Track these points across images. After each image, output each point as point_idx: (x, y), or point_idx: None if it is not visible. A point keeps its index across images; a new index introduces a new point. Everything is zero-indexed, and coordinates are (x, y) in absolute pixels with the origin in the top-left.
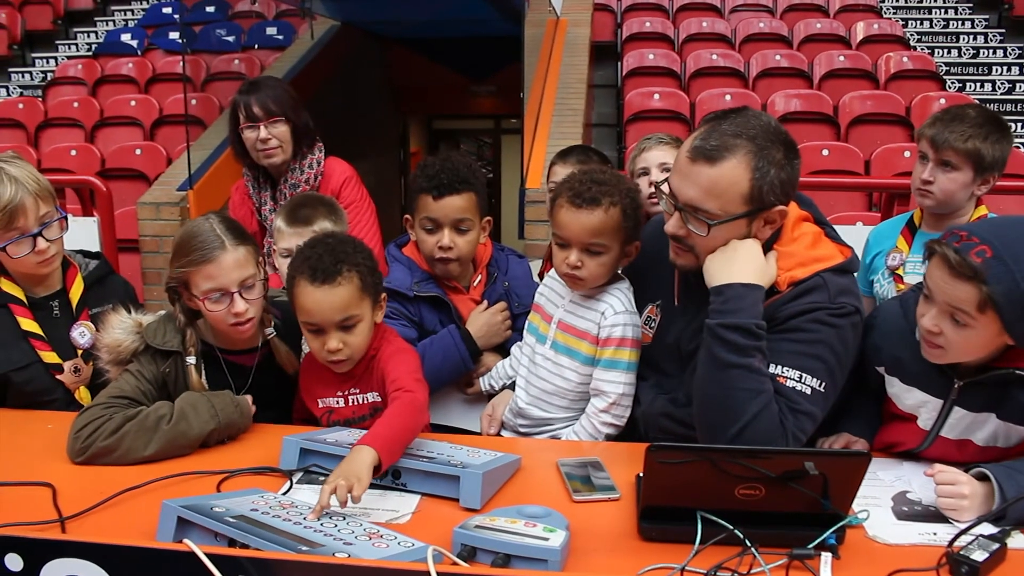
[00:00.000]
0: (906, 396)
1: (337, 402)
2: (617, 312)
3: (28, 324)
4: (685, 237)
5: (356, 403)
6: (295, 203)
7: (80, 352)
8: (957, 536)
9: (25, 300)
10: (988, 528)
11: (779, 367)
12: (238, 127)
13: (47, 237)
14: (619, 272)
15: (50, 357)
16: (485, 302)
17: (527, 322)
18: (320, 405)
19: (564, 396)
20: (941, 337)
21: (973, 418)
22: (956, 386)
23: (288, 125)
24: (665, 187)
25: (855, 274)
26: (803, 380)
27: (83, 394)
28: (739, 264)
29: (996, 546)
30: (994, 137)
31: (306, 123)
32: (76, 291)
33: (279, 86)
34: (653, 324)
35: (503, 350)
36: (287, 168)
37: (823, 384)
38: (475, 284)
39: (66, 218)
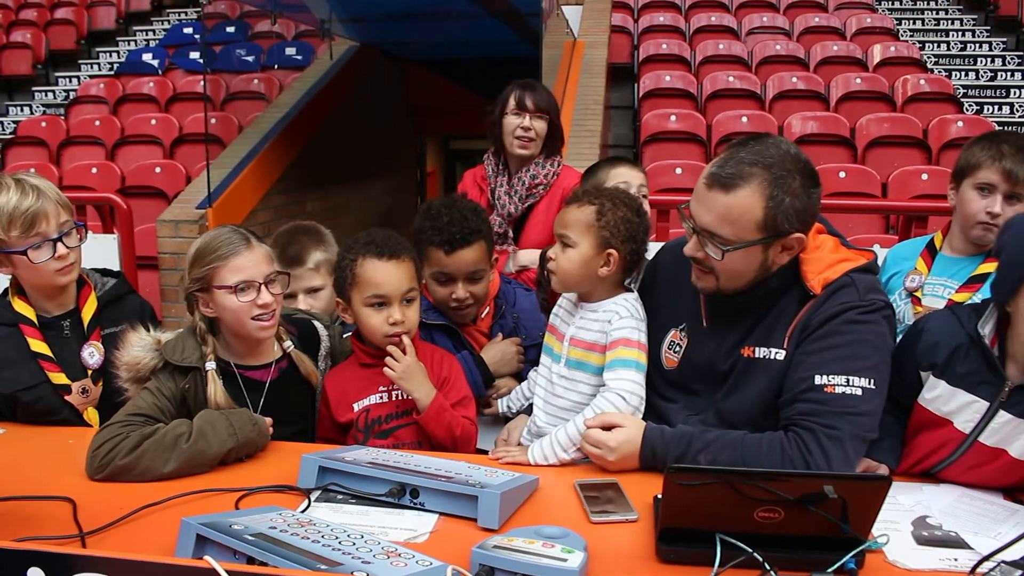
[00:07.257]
0: (950, 399)
1: (380, 398)
2: (623, 318)
3: (38, 345)
4: (703, 260)
5: (401, 397)
6: (282, 244)
7: (90, 372)
8: (979, 563)
9: (36, 321)
10: (1011, 555)
11: (824, 376)
12: (503, 113)
13: (67, 244)
14: (627, 285)
15: (58, 378)
16: (500, 335)
17: (544, 344)
18: (356, 408)
19: (580, 410)
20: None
21: (1016, 425)
22: (1007, 388)
23: (547, 124)
24: (686, 210)
25: (879, 276)
26: (851, 383)
27: (91, 414)
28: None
29: (1019, 573)
30: None
31: (560, 129)
32: (88, 310)
33: (548, 91)
34: (678, 348)
35: (519, 378)
36: (531, 161)
37: (872, 381)
38: (483, 316)
39: (84, 227)
